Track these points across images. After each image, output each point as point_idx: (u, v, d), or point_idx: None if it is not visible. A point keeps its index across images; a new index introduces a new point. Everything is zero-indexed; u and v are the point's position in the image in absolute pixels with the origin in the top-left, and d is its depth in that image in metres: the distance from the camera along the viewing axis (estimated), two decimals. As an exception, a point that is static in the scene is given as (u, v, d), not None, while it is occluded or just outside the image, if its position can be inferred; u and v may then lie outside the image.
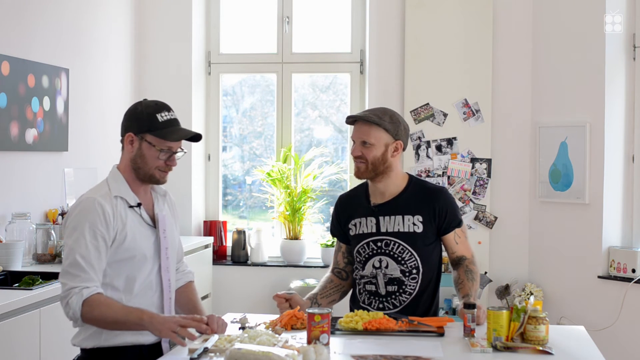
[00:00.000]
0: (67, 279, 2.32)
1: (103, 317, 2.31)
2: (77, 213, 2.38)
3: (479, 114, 5.17)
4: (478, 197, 5.17)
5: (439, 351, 2.61)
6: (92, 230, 2.34)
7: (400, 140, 2.86)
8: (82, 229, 2.34)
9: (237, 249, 5.49)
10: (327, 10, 5.70)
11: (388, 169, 2.87)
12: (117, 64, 5.20)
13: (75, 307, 2.29)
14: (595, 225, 4.72)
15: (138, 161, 2.48)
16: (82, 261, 2.32)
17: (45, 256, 3.94)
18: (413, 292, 3.00)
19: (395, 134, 2.84)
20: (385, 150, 2.84)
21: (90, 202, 2.38)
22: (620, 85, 4.72)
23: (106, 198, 2.41)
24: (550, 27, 5.05)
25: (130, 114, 2.49)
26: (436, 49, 5.20)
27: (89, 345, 2.42)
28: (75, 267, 2.31)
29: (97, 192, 2.43)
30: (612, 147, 4.70)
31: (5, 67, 3.89)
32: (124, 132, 2.50)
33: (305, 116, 5.80)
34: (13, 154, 4.03)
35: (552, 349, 2.59)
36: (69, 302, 2.30)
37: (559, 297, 4.97)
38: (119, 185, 2.46)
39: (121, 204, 2.44)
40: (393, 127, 2.84)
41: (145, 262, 2.48)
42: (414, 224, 2.92)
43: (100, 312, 2.31)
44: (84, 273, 2.31)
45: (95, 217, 2.36)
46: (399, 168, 2.94)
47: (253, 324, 2.92)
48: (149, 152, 2.47)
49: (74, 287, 2.30)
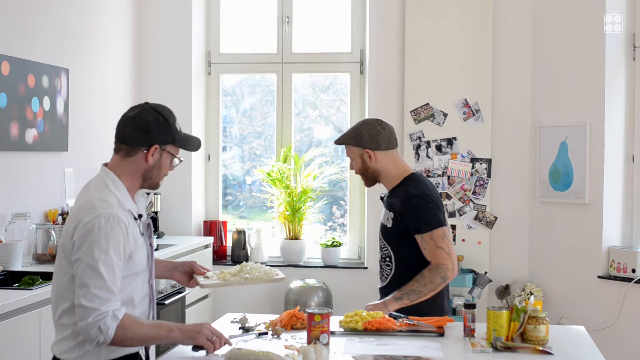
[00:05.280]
0: (97, 303, 2.20)
1: (136, 337, 2.27)
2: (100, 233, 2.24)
3: (479, 114, 5.17)
4: (478, 197, 5.17)
5: (439, 351, 2.61)
6: (116, 251, 2.25)
7: (367, 148, 3.07)
8: (108, 249, 2.23)
9: (237, 249, 5.49)
10: (327, 10, 5.70)
11: (375, 173, 3.11)
12: (117, 64, 5.20)
13: (110, 333, 2.21)
14: (595, 225, 4.72)
15: (153, 172, 2.41)
16: (111, 284, 2.23)
17: (45, 256, 3.94)
18: (388, 277, 3.15)
19: (360, 144, 3.08)
20: (362, 160, 3.09)
21: (113, 220, 2.26)
22: (620, 85, 4.72)
23: (121, 211, 2.31)
24: (550, 27, 5.05)
25: (154, 124, 2.36)
26: (436, 49, 5.20)
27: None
28: (105, 291, 2.22)
29: (110, 205, 2.29)
30: (612, 147, 4.70)
31: (5, 67, 3.89)
32: (145, 142, 2.35)
33: (305, 116, 5.80)
34: (13, 154, 4.03)
35: (552, 349, 2.59)
36: (102, 327, 2.20)
37: (559, 297, 4.97)
38: (123, 195, 2.36)
39: (130, 217, 2.35)
40: (356, 140, 3.08)
41: (142, 273, 2.42)
42: (388, 219, 3.13)
43: (134, 333, 2.26)
44: (113, 296, 2.23)
45: (119, 236, 2.26)
46: (389, 169, 3.11)
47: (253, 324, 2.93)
48: (165, 163, 2.42)
49: (107, 312, 2.21)
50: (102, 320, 2.20)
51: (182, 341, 2.38)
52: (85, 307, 2.20)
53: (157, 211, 5.23)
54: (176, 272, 2.77)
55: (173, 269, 2.77)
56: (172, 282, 4.50)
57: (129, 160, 2.37)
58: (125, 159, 2.37)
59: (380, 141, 3.07)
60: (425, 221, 3.00)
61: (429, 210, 3.01)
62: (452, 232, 5.15)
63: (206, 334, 2.37)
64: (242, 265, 2.83)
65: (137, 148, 2.35)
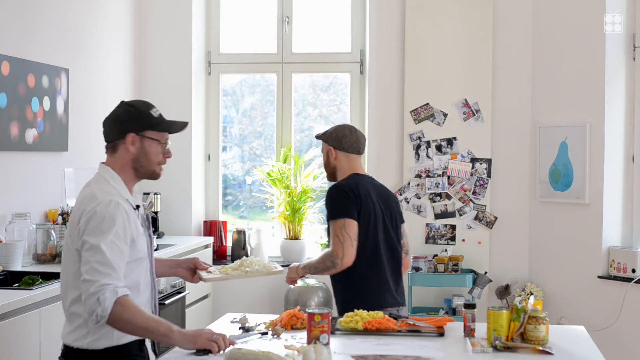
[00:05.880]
0: (98, 276, 2.29)
1: (132, 321, 2.31)
2: (103, 216, 2.36)
3: (479, 114, 5.17)
4: (478, 197, 5.17)
5: (439, 351, 2.61)
6: (118, 234, 2.36)
7: (331, 146, 3.43)
8: (110, 231, 2.34)
9: (237, 249, 5.49)
10: (327, 10, 5.70)
11: (333, 169, 3.47)
12: (117, 64, 5.20)
13: (107, 305, 2.27)
14: (595, 225, 4.72)
15: (141, 160, 2.50)
16: (112, 261, 2.32)
17: (45, 256, 3.94)
18: None
19: (327, 141, 3.45)
20: (327, 155, 3.46)
21: (115, 205, 2.38)
22: (620, 85, 4.72)
23: (121, 200, 2.44)
24: (550, 27, 5.05)
25: (124, 115, 2.50)
26: (436, 49, 5.20)
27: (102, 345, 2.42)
28: (106, 266, 2.31)
29: (109, 194, 2.42)
30: (612, 147, 4.70)
31: (5, 67, 3.89)
32: (120, 134, 2.49)
33: (306, 116, 5.80)
34: (13, 154, 4.03)
35: (552, 349, 2.60)
36: (100, 298, 2.27)
37: (559, 297, 4.97)
38: (120, 187, 2.49)
39: (129, 206, 2.48)
40: (325, 137, 3.46)
41: (144, 261, 2.53)
42: None
43: (132, 315, 2.31)
44: (114, 272, 2.32)
45: (120, 220, 2.37)
46: (344, 169, 3.44)
47: (253, 324, 2.93)
48: (151, 149, 2.51)
49: (107, 284, 2.28)
50: (101, 292, 2.28)
51: (180, 344, 2.40)
52: (87, 280, 2.30)
53: (157, 211, 5.24)
54: (180, 269, 2.88)
55: (177, 266, 2.88)
56: (172, 282, 4.50)
57: (116, 156, 2.51)
58: (114, 156, 2.52)
59: (344, 143, 3.42)
60: (333, 210, 3.29)
61: (340, 201, 3.28)
62: (452, 232, 5.17)
63: (207, 336, 2.40)
64: (242, 259, 2.97)
65: (117, 141, 2.50)
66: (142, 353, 2.54)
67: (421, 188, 5.19)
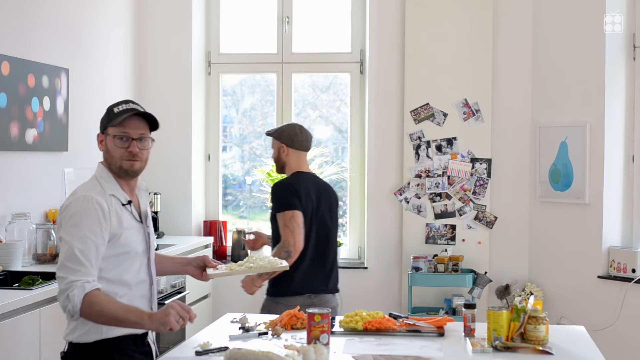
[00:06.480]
0: (67, 273, 2.34)
1: (102, 313, 2.34)
2: (75, 210, 2.41)
3: (479, 114, 5.17)
4: (478, 197, 5.17)
5: (439, 351, 2.61)
6: (90, 227, 2.39)
7: (284, 143, 3.71)
8: (80, 225, 2.38)
9: (237, 249, 5.48)
10: (327, 10, 5.70)
11: (284, 164, 3.75)
12: (117, 64, 5.20)
13: (76, 301, 2.31)
14: (595, 225, 4.72)
15: (107, 157, 2.56)
16: (81, 256, 2.35)
17: (45, 256, 3.94)
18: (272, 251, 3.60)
19: (280, 139, 3.73)
20: (278, 152, 3.74)
21: (88, 199, 2.42)
22: (620, 85, 4.72)
23: (101, 196, 2.47)
24: (550, 27, 5.05)
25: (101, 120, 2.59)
26: (436, 49, 5.20)
27: (91, 339, 2.44)
28: (74, 262, 2.34)
29: (91, 190, 2.47)
30: (612, 147, 4.70)
31: (5, 67, 3.90)
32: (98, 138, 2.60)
33: (306, 116, 5.79)
34: (13, 154, 4.03)
35: (552, 349, 2.60)
36: (69, 295, 2.31)
37: (559, 297, 4.97)
38: (110, 184, 2.53)
39: (115, 202, 2.50)
40: (278, 135, 3.74)
41: (137, 257, 2.54)
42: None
43: (101, 308, 2.34)
44: (83, 267, 2.35)
45: (93, 214, 2.40)
46: (292, 164, 3.73)
47: (253, 324, 2.93)
48: (111, 145, 2.53)
49: (75, 281, 2.32)
50: (70, 289, 2.32)
51: (152, 328, 2.41)
52: (59, 277, 2.37)
53: (157, 211, 5.24)
54: (190, 266, 2.91)
55: (187, 264, 2.92)
56: (172, 281, 4.50)
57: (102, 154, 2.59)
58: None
59: (295, 142, 3.72)
60: (280, 203, 3.57)
61: (286, 195, 3.57)
62: (452, 232, 5.17)
63: (174, 315, 2.38)
64: (248, 257, 3.04)
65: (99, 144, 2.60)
66: (139, 348, 2.54)
67: (421, 188, 5.19)
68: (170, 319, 2.36)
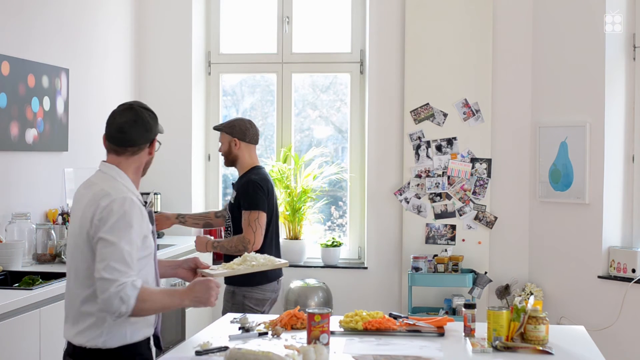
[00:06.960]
0: (117, 275, 2.33)
1: (154, 306, 2.40)
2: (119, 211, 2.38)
3: (479, 114, 5.17)
4: (478, 197, 5.17)
5: (439, 351, 2.61)
6: (135, 230, 2.40)
7: (235, 137, 3.86)
8: (128, 228, 2.38)
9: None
10: (327, 10, 5.70)
11: (235, 158, 3.89)
12: (117, 63, 5.20)
13: (130, 301, 2.32)
14: (595, 225, 4.72)
15: (150, 162, 2.59)
16: (128, 258, 2.37)
17: (45, 256, 3.94)
18: None
19: (231, 133, 3.86)
20: (229, 145, 3.87)
21: (130, 201, 2.42)
22: (620, 85, 4.72)
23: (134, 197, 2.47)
24: (550, 27, 5.05)
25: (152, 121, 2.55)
26: (436, 49, 5.20)
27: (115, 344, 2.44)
28: (123, 263, 2.35)
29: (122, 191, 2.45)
30: (612, 147, 4.70)
31: (5, 67, 3.90)
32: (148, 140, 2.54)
33: (305, 116, 5.80)
34: (13, 154, 4.03)
35: (552, 349, 2.60)
36: (123, 297, 2.31)
37: (559, 297, 4.97)
38: (130, 186, 2.51)
39: (140, 203, 2.51)
40: (229, 129, 3.88)
41: (153, 257, 2.56)
42: (232, 197, 3.90)
43: (152, 301, 2.38)
44: (130, 270, 2.36)
45: (137, 217, 2.42)
46: (245, 158, 3.89)
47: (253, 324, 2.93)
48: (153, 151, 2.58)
49: (125, 282, 2.33)
50: (122, 290, 2.31)
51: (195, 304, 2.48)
52: (106, 279, 2.32)
53: (157, 211, 5.23)
54: (181, 269, 2.90)
55: (178, 267, 2.90)
56: (172, 282, 4.50)
57: (135, 159, 2.53)
58: (131, 158, 2.53)
59: (247, 135, 3.87)
60: (251, 202, 3.74)
61: (256, 195, 3.75)
62: (452, 232, 5.17)
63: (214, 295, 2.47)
64: (244, 256, 3.09)
65: (143, 146, 2.54)
66: (149, 351, 2.56)
67: (421, 188, 5.19)
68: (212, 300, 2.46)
